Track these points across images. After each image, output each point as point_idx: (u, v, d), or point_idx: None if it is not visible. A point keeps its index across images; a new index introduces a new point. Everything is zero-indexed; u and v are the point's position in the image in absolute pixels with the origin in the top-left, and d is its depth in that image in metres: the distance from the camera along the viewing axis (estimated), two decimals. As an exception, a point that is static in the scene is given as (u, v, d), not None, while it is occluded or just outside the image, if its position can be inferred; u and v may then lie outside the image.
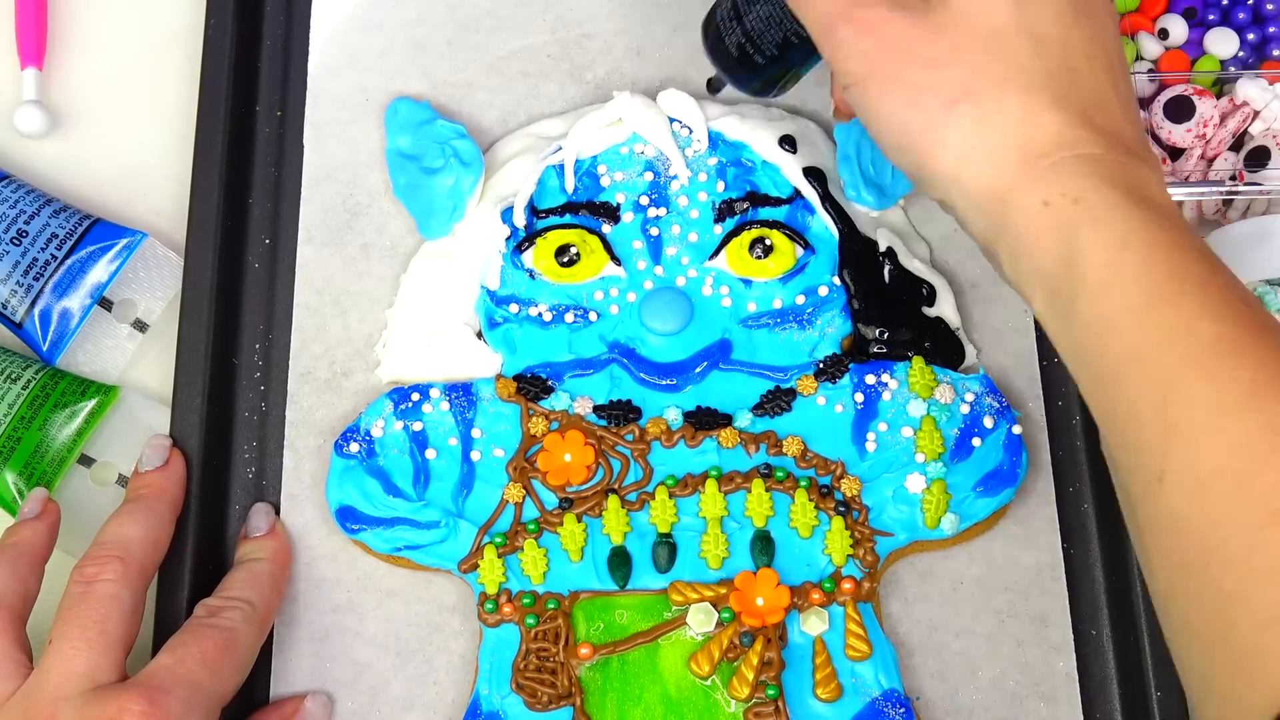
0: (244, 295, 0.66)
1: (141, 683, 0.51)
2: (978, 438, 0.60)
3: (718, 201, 0.65)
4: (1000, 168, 0.46)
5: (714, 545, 0.59)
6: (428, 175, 0.65)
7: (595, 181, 0.65)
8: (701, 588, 0.58)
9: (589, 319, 0.63)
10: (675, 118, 0.66)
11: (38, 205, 0.65)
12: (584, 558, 0.59)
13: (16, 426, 0.61)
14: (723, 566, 0.59)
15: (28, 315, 0.64)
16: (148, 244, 0.66)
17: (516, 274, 0.64)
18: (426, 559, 0.60)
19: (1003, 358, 0.64)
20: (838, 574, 0.59)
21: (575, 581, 0.59)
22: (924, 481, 0.59)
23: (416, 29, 0.71)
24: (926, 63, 0.47)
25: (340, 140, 0.68)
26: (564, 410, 0.61)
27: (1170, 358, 0.41)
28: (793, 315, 0.63)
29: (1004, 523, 0.61)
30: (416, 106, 0.67)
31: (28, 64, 0.71)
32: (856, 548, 0.59)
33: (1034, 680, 0.59)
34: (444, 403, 0.61)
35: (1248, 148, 0.64)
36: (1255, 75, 0.65)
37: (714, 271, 0.64)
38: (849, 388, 0.61)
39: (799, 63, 0.56)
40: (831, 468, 0.60)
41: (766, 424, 0.61)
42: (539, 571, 0.59)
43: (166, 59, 0.72)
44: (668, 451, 0.61)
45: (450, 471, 0.61)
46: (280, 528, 0.61)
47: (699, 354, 0.62)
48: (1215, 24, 0.68)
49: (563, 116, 0.68)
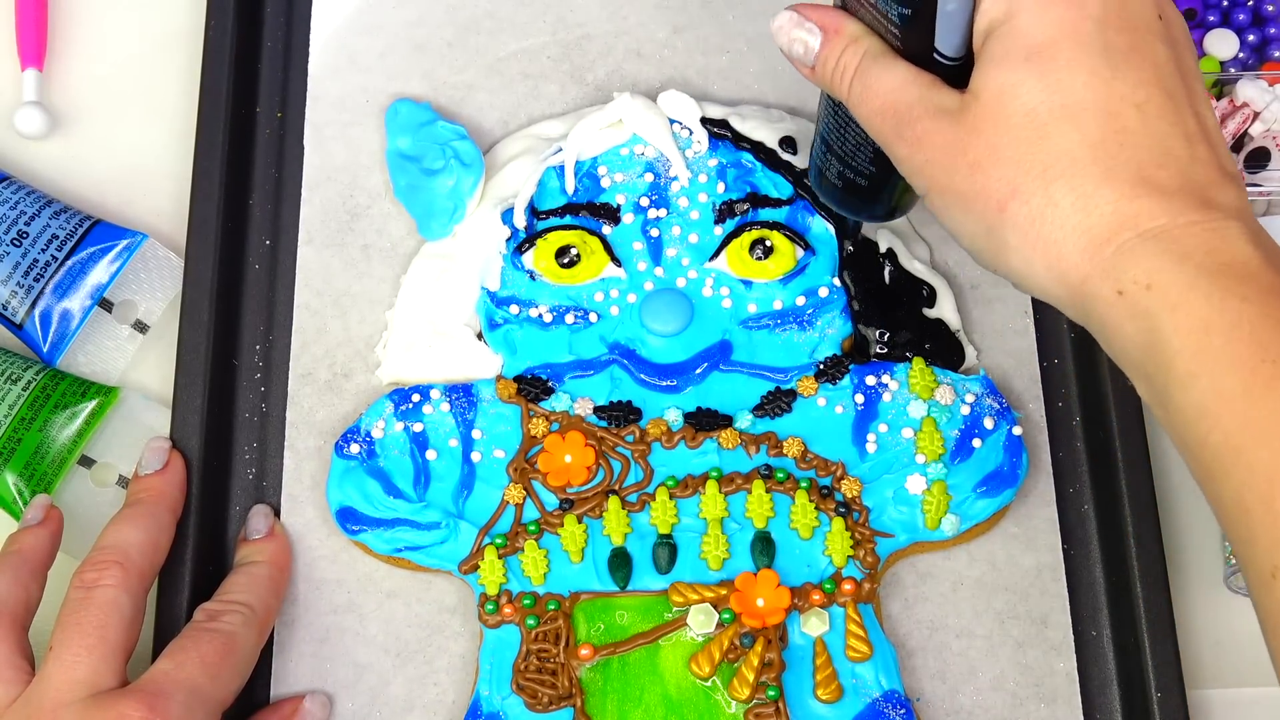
0: (244, 296, 0.66)
1: (142, 688, 0.51)
2: (978, 439, 0.60)
3: (718, 203, 0.65)
4: (1066, 262, 0.44)
5: (714, 546, 0.59)
6: (428, 176, 0.65)
7: (595, 183, 0.65)
8: (702, 589, 0.58)
9: (589, 320, 0.63)
10: (675, 119, 0.66)
11: (38, 206, 0.65)
12: (584, 559, 0.59)
13: (17, 427, 0.61)
14: (723, 567, 0.59)
15: (28, 316, 0.64)
16: (148, 245, 0.66)
17: (517, 275, 0.64)
18: (427, 560, 0.60)
19: (1003, 358, 0.64)
20: (838, 575, 0.59)
21: (576, 582, 0.59)
22: (924, 483, 0.59)
23: (417, 30, 0.71)
24: (971, 168, 0.45)
25: (340, 141, 0.68)
26: (564, 411, 0.61)
27: (1273, 450, 0.39)
28: (793, 316, 0.63)
29: (1004, 523, 0.61)
30: (417, 108, 0.67)
31: (28, 65, 0.71)
32: (857, 549, 0.59)
33: (1034, 681, 0.59)
34: (444, 404, 0.61)
35: (1248, 149, 0.64)
36: (1255, 77, 0.65)
37: (714, 273, 0.64)
38: (849, 389, 0.61)
39: None
40: (832, 469, 0.60)
41: (767, 425, 0.61)
42: (539, 572, 0.59)
43: (166, 60, 0.72)
44: (668, 453, 0.61)
45: (451, 472, 0.61)
46: (280, 529, 0.61)
47: (699, 355, 0.62)
48: (1215, 25, 0.68)
49: (563, 118, 0.68)
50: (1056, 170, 0.44)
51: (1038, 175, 0.44)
